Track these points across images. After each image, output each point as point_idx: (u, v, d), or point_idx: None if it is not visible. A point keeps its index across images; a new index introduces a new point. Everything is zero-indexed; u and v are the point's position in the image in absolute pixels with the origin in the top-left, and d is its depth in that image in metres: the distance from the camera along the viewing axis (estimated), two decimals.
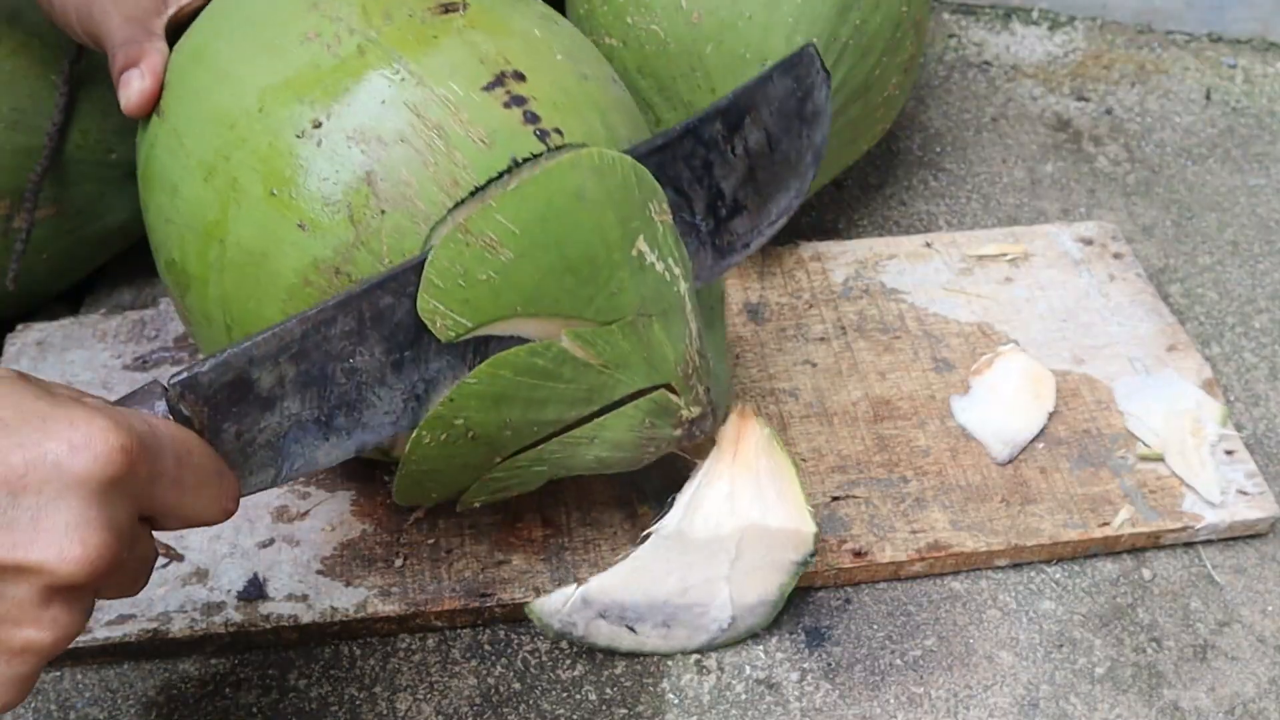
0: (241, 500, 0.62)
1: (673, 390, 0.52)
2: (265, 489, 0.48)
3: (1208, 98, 0.93)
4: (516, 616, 0.60)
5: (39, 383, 0.41)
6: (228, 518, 0.45)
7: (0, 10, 0.67)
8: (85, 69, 0.70)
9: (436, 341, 0.48)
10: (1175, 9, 0.97)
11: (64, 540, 0.37)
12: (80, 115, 0.69)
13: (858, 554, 0.61)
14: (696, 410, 0.52)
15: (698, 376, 0.52)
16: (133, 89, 0.54)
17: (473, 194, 0.48)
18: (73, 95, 0.68)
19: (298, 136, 0.49)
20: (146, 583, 0.44)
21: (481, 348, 0.49)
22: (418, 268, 0.47)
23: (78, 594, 0.39)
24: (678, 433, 0.53)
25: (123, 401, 0.44)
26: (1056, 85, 0.94)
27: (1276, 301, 0.78)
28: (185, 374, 0.44)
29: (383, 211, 0.48)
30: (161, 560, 0.60)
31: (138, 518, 0.41)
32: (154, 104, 0.55)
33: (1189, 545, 0.64)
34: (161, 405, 0.44)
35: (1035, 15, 1.00)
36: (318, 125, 0.49)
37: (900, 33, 0.73)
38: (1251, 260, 0.81)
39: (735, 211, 0.54)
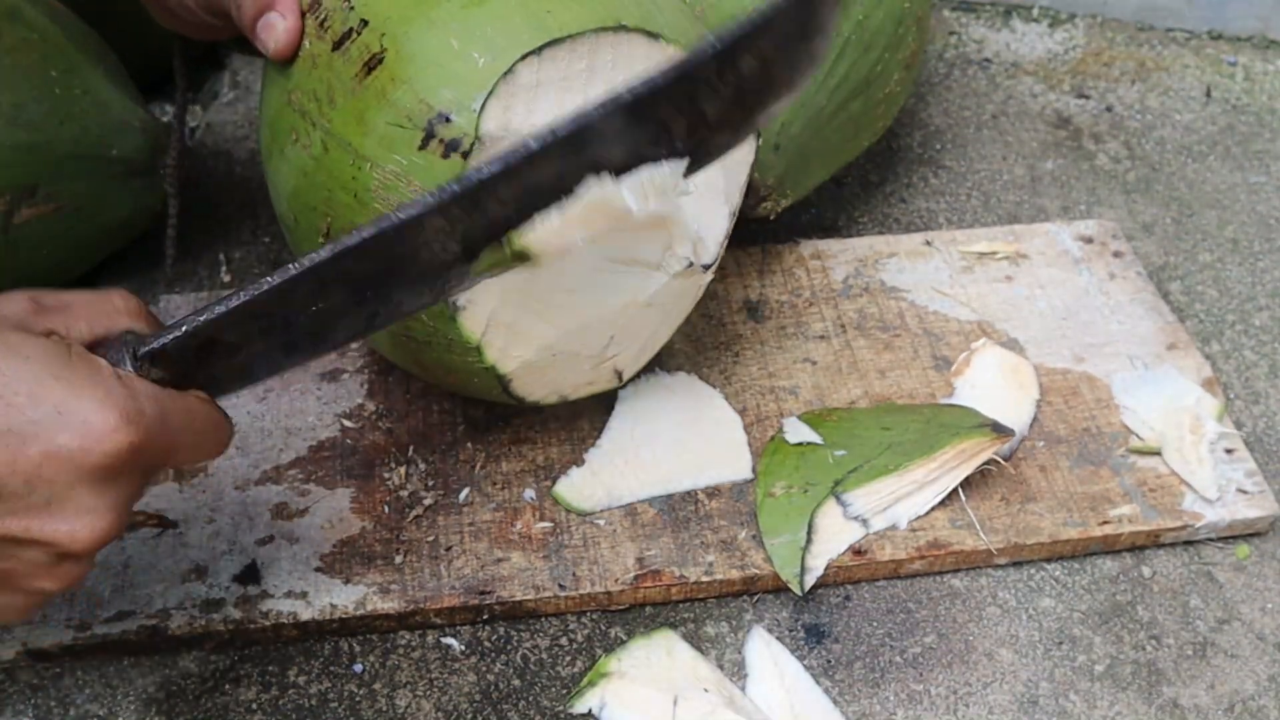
0: (240, 497, 0.63)
1: None
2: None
3: (1208, 95, 0.93)
4: (516, 614, 0.60)
5: (56, 345, 0.43)
6: (222, 453, 0.49)
7: (0, 7, 0.67)
8: (80, 62, 0.70)
9: (403, 276, 0.48)
10: (1176, 6, 0.97)
11: (75, 523, 0.42)
12: (79, 112, 0.69)
13: (858, 552, 0.61)
14: None
15: None
16: (278, 29, 0.53)
17: None
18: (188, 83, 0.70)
19: None
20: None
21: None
22: (391, 230, 0.47)
23: (84, 557, 0.44)
24: None
25: (95, 350, 0.45)
26: (1057, 82, 0.94)
27: (1277, 299, 0.78)
28: (151, 345, 0.46)
29: None
30: (155, 538, 0.60)
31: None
32: (299, 43, 0.53)
33: (1189, 543, 0.64)
34: (124, 355, 0.45)
35: (1036, 12, 0.99)
36: None
37: (902, 29, 0.73)
38: (1252, 258, 0.81)
39: (719, 127, 0.51)
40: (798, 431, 0.65)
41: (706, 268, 0.61)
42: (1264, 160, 0.88)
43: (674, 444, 0.64)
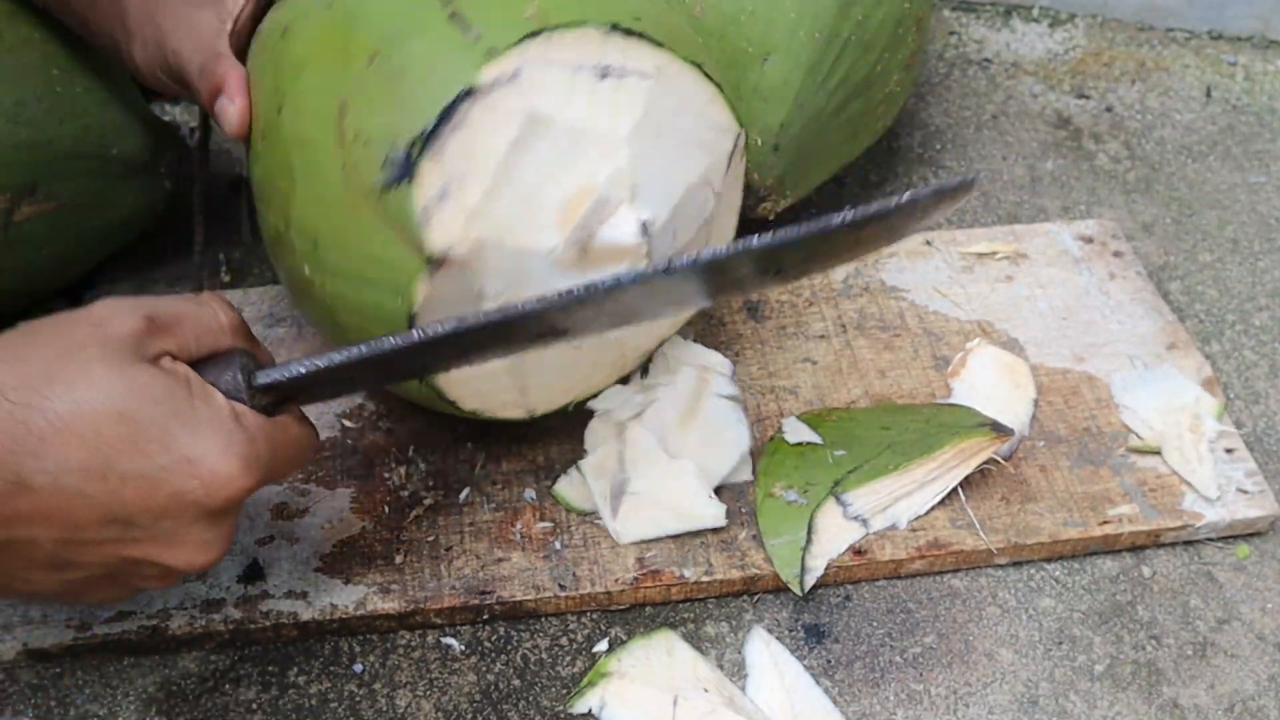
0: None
1: None
2: None
3: (1208, 95, 0.93)
4: (516, 614, 0.60)
5: (179, 386, 0.46)
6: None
7: (1, 6, 0.67)
8: (81, 61, 0.70)
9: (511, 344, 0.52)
10: (1176, 6, 0.97)
11: (192, 553, 0.47)
12: (80, 111, 0.69)
13: (858, 552, 0.61)
14: None
15: None
16: (230, 114, 0.57)
17: None
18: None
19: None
20: None
21: None
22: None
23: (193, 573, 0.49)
24: None
25: (209, 368, 0.49)
26: (1057, 82, 0.94)
27: (1276, 299, 0.78)
28: (268, 380, 0.49)
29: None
30: None
31: None
32: (250, 120, 0.57)
33: (1189, 543, 0.64)
34: (239, 380, 0.49)
35: (1036, 12, 0.99)
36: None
37: (902, 29, 0.73)
38: (1252, 258, 0.81)
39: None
40: (797, 431, 0.65)
41: None
42: (1264, 160, 0.88)
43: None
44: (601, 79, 0.53)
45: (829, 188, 0.84)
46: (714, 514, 0.60)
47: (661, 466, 0.61)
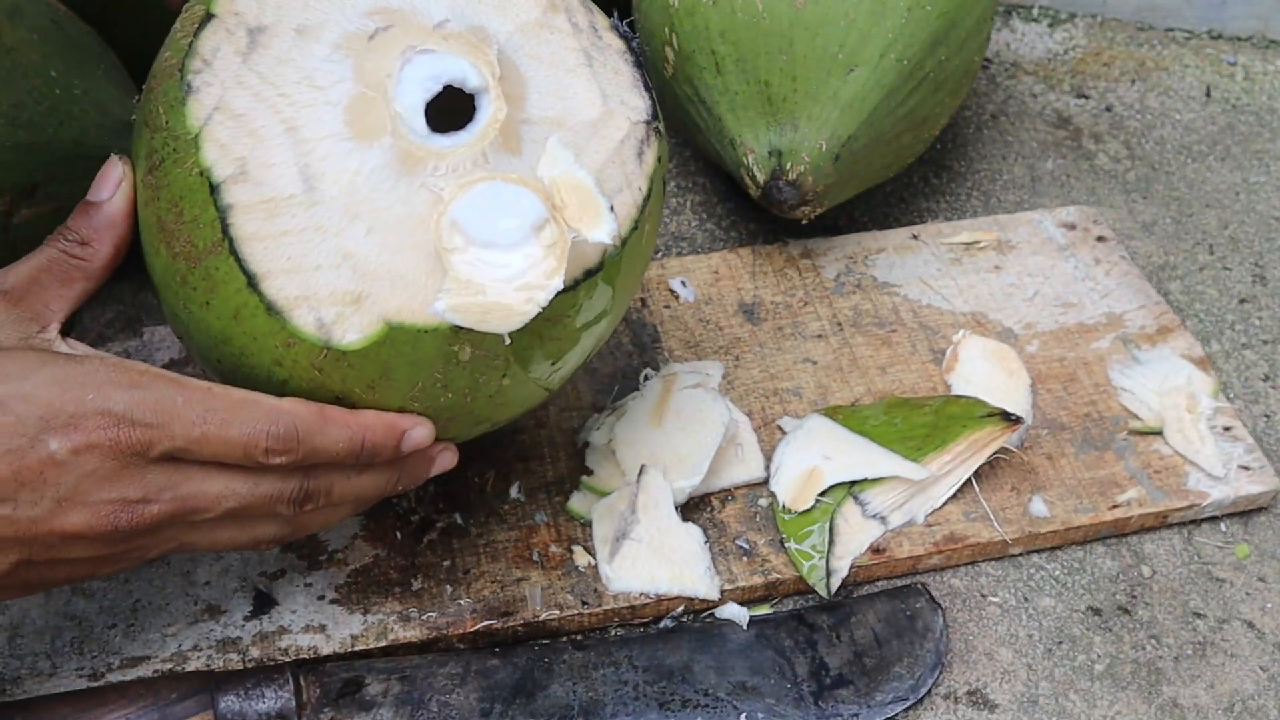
0: None
1: None
2: None
3: (1208, 95, 0.93)
4: (539, 634, 0.59)
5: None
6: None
7: (0, 7, 0.67)
8: (80, 62, 0.69)
9: (527, 704, 0.55)
10: (1175, 6, 0.97)
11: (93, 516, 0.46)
12: (79, 113, 0.69)
13: (876, 550, 0.61)
14: None
15: None
16: None
17: None
18: None
19: None
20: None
21: None
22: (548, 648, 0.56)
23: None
24: None
25: (255, 680, 0.53)
26: (1057, 82, 0.94)
27: (1277, 299, 0.78)
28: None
29: None
30: (161, 577, 0.59)
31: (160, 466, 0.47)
32: None
33: (1189, 542, 0.65)
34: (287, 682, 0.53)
35: (1035, 12, 0.99)
36: None
37: (966, 79, 0.74)
38: (1252, 258, 0.81)
39: (839, 684, 0.57)
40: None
41: None
42: (1264, 160, 0.88)
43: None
44: None
45: None
46: (708, 588, 0.59)
47: (670, 522, 0.60)
